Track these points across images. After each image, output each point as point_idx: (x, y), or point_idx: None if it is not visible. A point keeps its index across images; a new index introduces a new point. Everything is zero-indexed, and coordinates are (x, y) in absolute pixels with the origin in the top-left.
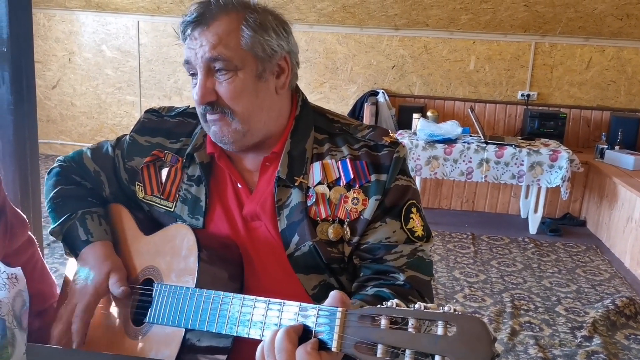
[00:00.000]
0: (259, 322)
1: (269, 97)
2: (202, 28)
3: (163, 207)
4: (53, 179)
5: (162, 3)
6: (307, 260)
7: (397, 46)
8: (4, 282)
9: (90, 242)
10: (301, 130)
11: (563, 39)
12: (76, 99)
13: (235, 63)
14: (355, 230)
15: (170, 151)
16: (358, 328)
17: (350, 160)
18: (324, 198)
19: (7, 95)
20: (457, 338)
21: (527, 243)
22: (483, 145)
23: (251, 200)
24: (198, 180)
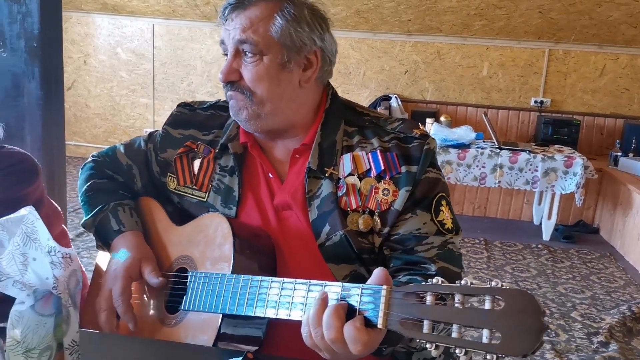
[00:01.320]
0: (300, 304)
1: (290, 88)
2: (239, 11)
3: (195, 198)
4: (86, 173)
5: (177, 7)
6: (338, 250)
7: (410, 51)
8: (59, 261)
9: (122, 231)
10: (331, 123)
11: (577, 46)
12: (90, 100)
13: (261, 48)
14: (386, 221)
15: (202, 142)
16: (403, 305)
17: (381, 152)
18: (355, 189)
19: (36, 91)
20: (506, 311)
21: (541, 249)
22: (497, 151)
23: (282, 190)
24: (231, 170)
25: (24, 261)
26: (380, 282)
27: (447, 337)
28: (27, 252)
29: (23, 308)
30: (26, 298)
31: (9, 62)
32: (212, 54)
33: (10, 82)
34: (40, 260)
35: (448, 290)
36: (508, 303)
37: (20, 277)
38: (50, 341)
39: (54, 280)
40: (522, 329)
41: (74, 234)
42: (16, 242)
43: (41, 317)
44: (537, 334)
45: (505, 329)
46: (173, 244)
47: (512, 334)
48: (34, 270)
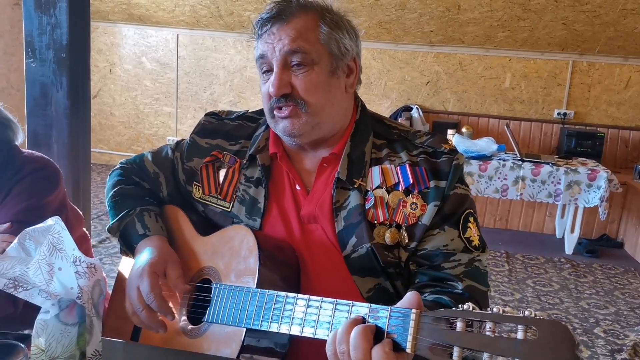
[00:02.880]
0: (327, 323)
1: (339, 94)
2: (281, 24)
3: (220, 207)
4: (114, 179)
5: (201, 17)
6: (364, 263)
7: (432, 62)
8: (84, 271)
9: (148, 235)
10: (361, 134)
11: (602, 58)
12: (115, 109)
13: (312, 57)
14: (414, 236)
15: (229, 152)
16: (433, 330)
17: (410, 166)
18: (382, 202)
19: (64, 100)
20: (539, 342)
21: (564, 263)
22: (519, 163)
23: (309, 201)
24: (257, 181)
25: (49, 271)
26: (411, 305)
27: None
28: (53, 261)
29: (48, 317)
30: (51, 307)
31: (38, 72)
32: (234, 63)
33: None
34: (66, 270)
35: (480, 318)
36: (542, 334)
37: (45, 287)
38: (73, 350)
39: (78, 290)
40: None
41: (97, 241)
42: (42, 252)
43: (65, 326)
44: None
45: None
46: (198, 254)
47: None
48: (59, 280)
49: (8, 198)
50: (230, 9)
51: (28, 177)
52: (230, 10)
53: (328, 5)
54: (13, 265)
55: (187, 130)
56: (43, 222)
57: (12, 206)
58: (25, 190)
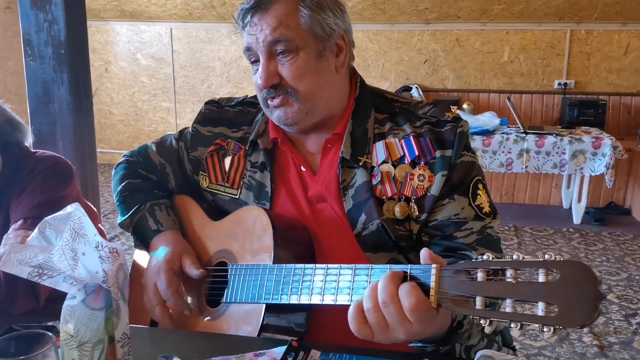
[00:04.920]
0: (346, 288)
1: (330, 76)
2: (261, 13)
3: (228, 195)
4: (120, 173)
5: (194, 9)
6: (376, 239)
7: (429, 40)
8: (107, 255)
9: (161, 230)
10: (362, 111)
11: (599, 25)
12: (113, 107)
13: (297, 43)
14: (423, 207)
15: (232, 139)
16: (454, 283)
17: (414, 138)
18: (389, 176)
19: (66, 96)
20: (562, 283)
21: (572, 233)
22: (522, 136)
23: (315, 182)
24: (262, 166)
25: (73, 256)
26: (428, 260)
27: (502, 312)
28: (76, 247)
29: (75, 302)
30: (77, 292)
31: (38, 70)
32: (230, 54)
33: (41, 90)
34: (90, 254)
35: (499, 266)
36: (563, 274)
37: (71, 272)
38: (102, 334)
39: (103, 274)
40: (580, 300)
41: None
42: (65, 238)
43: (92, 310)
44: (594, 303)
45: (562, 300)
46: (211, 239)
47: (570, 305)
48: (84, 265)
49: (22, 196)
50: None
51: (41, 175)
52: (223, 1)
53: None
54: (36, 253)
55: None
56: (62, 210)
57: (26, 203)
58: (38, 187)
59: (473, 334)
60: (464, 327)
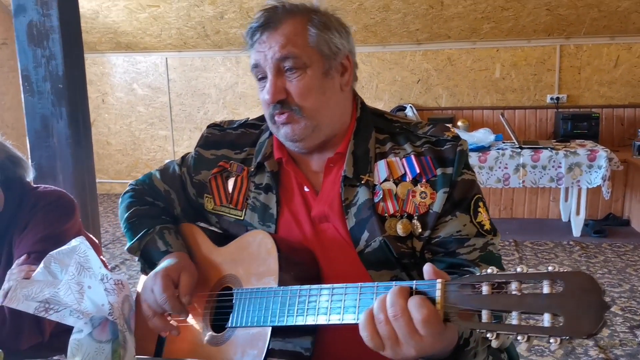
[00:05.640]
0: (352, 307)
1: (334, 94)
2: (270, 31)
3: (232, 217)
4: (127, 201)
5: (188, 38)
6: (378, 256)
7: (421, 60)
8: (112, 287)
9: (170, 252)
10: (363, 131)
11: (588, 40)
12: (111, 137)
13: (304, 60)
14: (426, 224)
15: (235, 161)
16: (460, 297)
17: (415, 157)
18: (391, 194)
19: (65, 130)
20: (566, 294)
21: (573, 246)
22: (518, 151)
23: (318, 201)
24: (267, 188)
25: (80, 290)
26: (433, 276)
27: (509, 325)
28: (82, 280)
29: (81, 336)
30: (84, 326)
31: (37, 105)
32: (225, 81)
33: (40, 124)
34: (95, 287)
35: (504, 279)
36: (567, 285)
37: (77, 306)
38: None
39: (109, 306)
40: (585, 309)
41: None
42: (71, 272)
43: (99, 343)
44: (600, 312)
45: (568, 310)
46: (217, 265)
47: (576, 315)
48: (90, 298)
49: (25, 232)
50: (216, 27)
51: (43, 209)
52: (217, 29)
53: (315, 7)
54: (42, 288)
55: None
56: (67, 244)
57: (29, 238)
58: (41, 222)
59: (479, 352)
60: (470, 344)
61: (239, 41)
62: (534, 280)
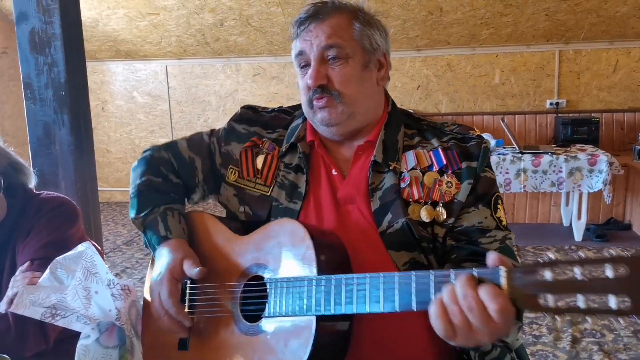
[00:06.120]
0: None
1: (371, 86)
2: (317, 22)
3: (258, 191)
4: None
5: (188, 46)
6: (400, 237)
7: (421, 66)
8: (119, 293)
9: (169, 238)
10: (393, 124)
11: (587, 45)
12: (111, 145)
13: (347, 51)
14: (452, 212)
15: (267, 139)
16: (524, 283)
17: (442, 150)
18: (417, 181)
19: (67, 137)
20: (632, 276)
21: (575, 251)
22: (519, 156)
23: (345, 184)
24: (296, 168)
25: (87, 295)
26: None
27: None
28: (89, 286)
29: (89, 342)
30: (91, 332)
31: (39, 112)
32: (225, 88)
33: (42, 132)
34: (102, 292)
35: (567, 265)
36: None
37: (84, 311)
38: None
39: (116, 312)
40: None
41: None
42: (78, 277)
43: (106, 349)
44: None
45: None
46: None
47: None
48: (97, 303)
49: (28, 238)
50: (216, 35)
51: (46, 216)
52: (217, 37)
53: (360, 6)
54: (48, 294)
55: None
56: (73, 250)
57: (32, 245)
58: (44, 229)
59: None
60: None
61: (239, 48)
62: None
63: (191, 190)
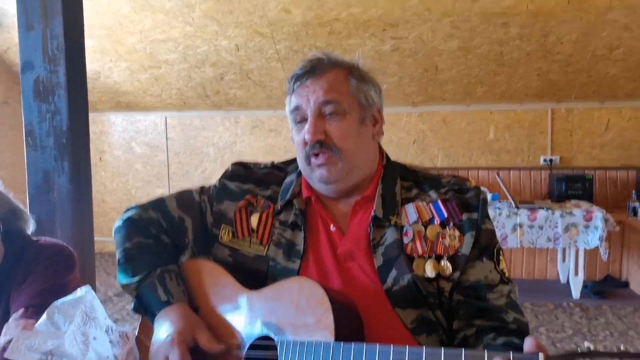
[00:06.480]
0: None
1: (368, 141)
2: (314, 78)
3: (253, 252)
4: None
5: (188, 99)
6: (406, 294)
7: (417, 121)
8: (117, 340)
9: (171, 303)
10: (389, 177)
11: (579, 104)
12: (107, 195)
13: (344, 107)
14: (457, 266)
15: (262, 197)
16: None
17: (442, 202)
18: (420, 236)
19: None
20: None
21: (573, 308)
22: (515, 210)
23: (345, 241)
24: (293, 225)
25: (85, 340)
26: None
27: None
28: (87, 331)
29: None
30: None
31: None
32: (224, 140)
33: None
34: (100, 339)
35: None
36: None
37: (82, 358)
38: None
39: (114, 359)
40: None
41: None
42: (77, 322)
43: None
44: None
45: None
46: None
47: None
48: (95, 350)
49: (24, 285)
50: (216, 88)
51: (44, 262)
52: (217, 90)
53: (355, 62)
54: (45, 340)
55: None
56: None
57: (28, 291)
58: (40, 275)
59: None
60: None
61: (238, 101)
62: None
63: (181, 251)
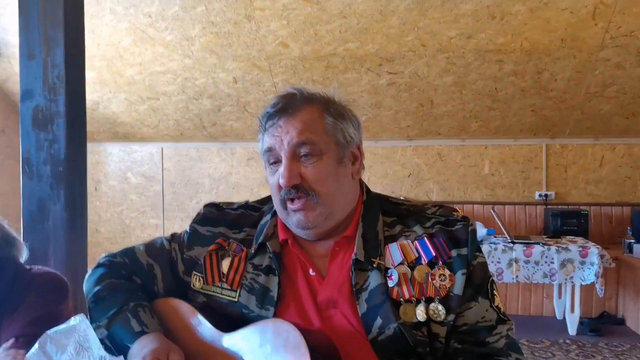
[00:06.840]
0: None
1: (347, 182)
2: (287, 117)
3: (225, 297)
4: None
5: (185, 130)
6: (393, 344)
7: (412, 155)
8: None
9: (146, 332)
10: (370, 214)
11: (573, 140)
12: (101, 225)
13: (320, 147)
14: (450, 308)
15: (234, 240)
16: None
17: (428, 239)
18: (406, 278)
19: (61, 213)
20: None
21: (569, 345)
22: (510, 245)
23: (325, 286)
24: (267, 269)
25: None
26: None
27: None
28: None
29: None
30: None
31: (35, 188)
32: (219, 171)
33: (36, 207)
34: None
35: None
36: None
37: None
38: None
39: None
40: None
41: None
42: (70, 352)
43: None
44: None
45: None
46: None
47: None
48: None
49: (16, 314)
50: (213, 119)
51: (36, 291)
52: (213, 121)
53: (331, 97)
54: None
55: None
56: (65, 323)
57: (19, 321)
58: (32, 304)
59: None
60: None
61: (235, 133)
62: None
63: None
